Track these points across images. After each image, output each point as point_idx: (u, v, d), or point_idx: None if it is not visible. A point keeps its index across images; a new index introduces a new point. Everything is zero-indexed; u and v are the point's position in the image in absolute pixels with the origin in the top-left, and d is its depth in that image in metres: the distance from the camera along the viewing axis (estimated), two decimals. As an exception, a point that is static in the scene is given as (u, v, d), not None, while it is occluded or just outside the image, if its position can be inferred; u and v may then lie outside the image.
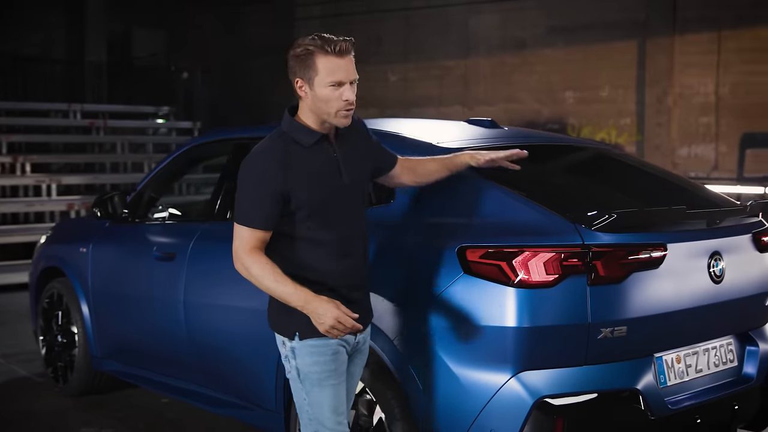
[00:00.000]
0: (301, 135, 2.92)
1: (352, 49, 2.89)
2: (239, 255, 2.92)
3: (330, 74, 2.83)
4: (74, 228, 6.08)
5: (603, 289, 3.14)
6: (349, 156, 3.02)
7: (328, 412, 2.95)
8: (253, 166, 2.89)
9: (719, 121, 11.99)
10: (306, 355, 2.94)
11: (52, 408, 5.43)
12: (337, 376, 2.97)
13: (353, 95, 2.87)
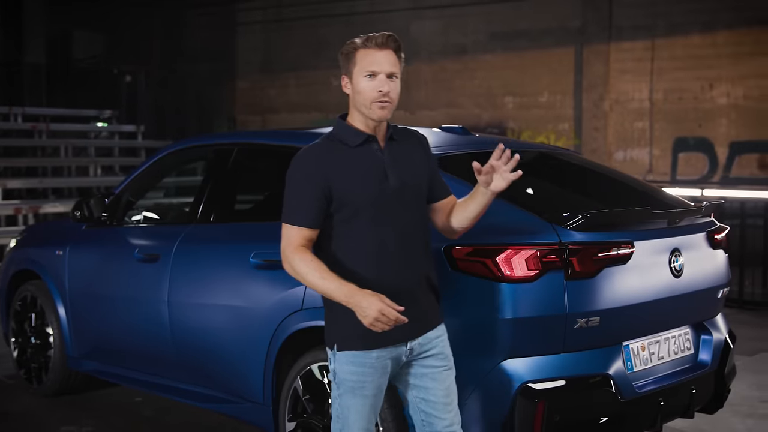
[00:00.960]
0: (347, 136, 2.99)
1: (392, 44, 2.95)
2: (286, 254, 2.97)
3: (366, 65, 2.91)
4: (48, 231, 6.17)
5: (578, 283, 3.44)
6: (399, 160, 3.03)
7: (355, 418, 3.00)
8: (298, 165, 2.98)
9: (653, 126, 12.41)
10: (344, 363, 2.98)
11: (28, 408, 5.53)
12: (371, 387, 2.99)
13: (388, 87, 2.92)
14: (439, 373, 3.06)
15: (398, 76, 2.97)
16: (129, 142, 15.76)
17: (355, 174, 2.93)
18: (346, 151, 2.97)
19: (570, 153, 4.94)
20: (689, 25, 11.82)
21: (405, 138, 3.11)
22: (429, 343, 3.05)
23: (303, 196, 2.94)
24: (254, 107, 16.83)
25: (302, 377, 3.93)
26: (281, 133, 4.80)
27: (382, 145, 3.02)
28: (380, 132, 3.02)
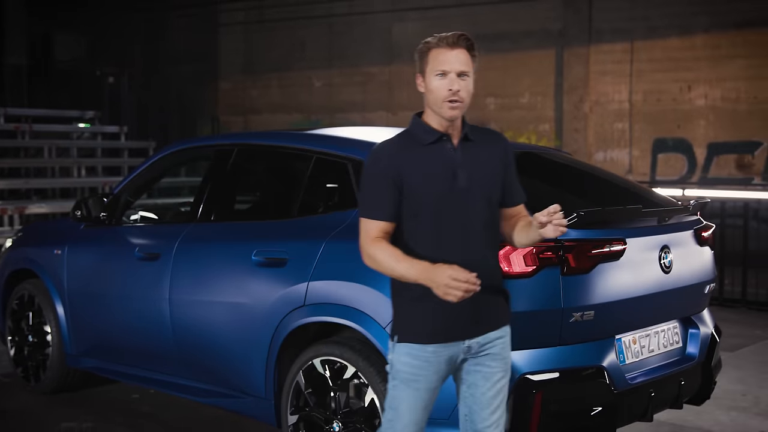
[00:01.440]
0: (421, 133, 3.00)
1: (463, 43, 2.94)
2: (364, 247, 3.00)
3: (438, 64, 2.93)
4: (46, 231, 6.24)
5: (574, 278, 3.58)
6: (471, 161, 3.00)
7: (404, 410, 3.03)
8: (372, 161, 3.01)
9: (633, 127, 12.59)
10: (402, 354, 3.02)
11: (26, 406, 5.60)
12: (424, 382, 3.01)
13: (458, 86, 2.91)
14: (492, 373, 3.07)
15: (470, 75, 2.96)
16: (112, 143, 15.77)
17: (424, 171, 2.93)
18: (419, 149, 2.98)
19: (561, 153, 5.09)
20: (667, 28, 12.01)
21: (483, 139, 3.09)
22: (489, 343, 3.06)
23: (378, 190, 2.97)
24: (236, 108, 16.90)
25: (304, 371, 4.05)
26: (281, 134, 4.91)
27: (456, 144, 3.02)
28: (454, 131, 3.02)
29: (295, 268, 4.10)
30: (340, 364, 3.92)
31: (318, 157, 4.36)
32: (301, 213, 4.35)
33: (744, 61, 11.37)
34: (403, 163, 2.96)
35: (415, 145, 2.99)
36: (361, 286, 3.82)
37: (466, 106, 2.97)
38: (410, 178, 2.94)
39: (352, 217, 4.05)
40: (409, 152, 2.98)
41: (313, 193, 4.41)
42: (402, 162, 2.96)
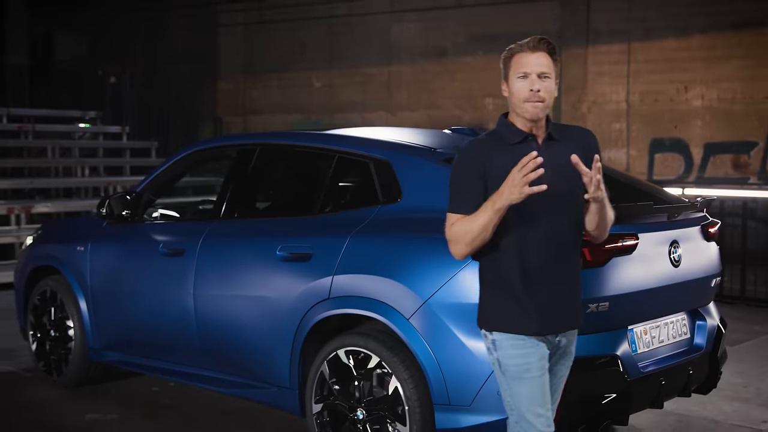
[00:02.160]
0: (507, 133, 3.10)
1: (544, 47, 3.04)
2: (447, 237, 3.08)
3: (519, 67, 3.03)
4: (67, 229, 6.40)
5: (590, 271, 3.75)
6: (557, 160, 3.03)
7: (527, 403, 3.05)
8: (460, 159, 3.12)
9: (630, 127, 12.71)
10: (506, 348, 3.07)
11: (49, 398, 5.75)
12: (537, 369, 3.06)
13: (539, 86, 2.99)
14: (561, 370, 3.23)
15: (551, 77, 3.05)
16: (114, 143, 15.92)
17: (509, 170, 2.92)
18: (505, 148, 3.07)
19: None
20: (664, 29, 12.12)
21: (567, 137, 3.16)
22: (569, 344, 3.21)
23: (464, 187, 3.07)
24: (236, 108, 17.02)
25: (329, 362, 4.22)
26: (303, 134, 5.08)
27: (540, 144, 3.09)
28: (539, 131, 3.10)
29: (319, 262, 4.27)
30: (364, 354, 4.10)
31: (340, 157, 4.54)
32: (324, 210, 4.52)
33: (740, 62, 11.53)
34: (489, 162, 3.05)
35: (502, 145, 3.09)
36: (385, 279, 4.00)
37: (548, 106, 3.06)
38: (494, 176, 3.00)
39: (374, 213, 4.23)
40: (496, 151, 3.07)
41: (336, 191, 4.59)
42: (488, 161, 3.05)
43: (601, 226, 3.16)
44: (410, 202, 4.16)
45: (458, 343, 3.79)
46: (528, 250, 3.05)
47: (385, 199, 4.26)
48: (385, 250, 4.07)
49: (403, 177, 4.23)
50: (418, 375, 3.92)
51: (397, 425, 4.00)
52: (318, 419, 4.28)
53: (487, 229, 2.98)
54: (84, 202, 13.32)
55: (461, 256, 3.11)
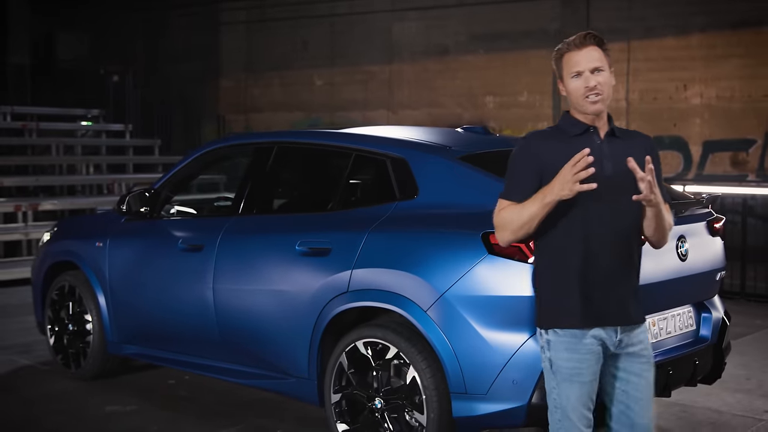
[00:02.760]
0: (569, 126, 3.12)
1: (591, 41, 3.05)
2: (495, 222, 3.11)
3: (571, 66, 3.05)
4: (84, 225, 6.53)
5: (601, 265, 3.89)
6: (617, 155, 3.06)
7: (574, 404, 3.09)
8: (518, 148, 3.15)
9: (629, 125, 12.78)
10: (559, 349, 3.09)
11: (68, 390, 5.89)
12: (589, 375, 3.08)
13: (594, 81, 3.01)
14: (643, 370, 3.17)
15: (605, 69, 3.06)
16: (117, 141, 16.05)
17: (568, 157, 2.93)
18: (566, 139, 3.09)
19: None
20: (664, 28, 12.24)
21: (629, 137, 3.20)
22: (636, 338, 3.15)
23: (518, 175, 3.11)
24: (238, 106, 17.14)
25: (347, 353, 4.37)
26: (320, 133, 5.22)
27: (602, 136, 3.12)
28: (601, 125, 3.12)
29: (338, 257, 4.41)
30: (382, 346, 4.24)
31: (357, 155, 4.68)
32: (342, 206, 4.66)
33: (739, 61, 11.66)
34: (546, 151, 3.08)
35: (563, 136, 3.12)
36: (403, 272, 4.14)
37: (607, 99, 3.07)
38: (552, 168, 2.99)
39: (392, 209, 4.38)
40: (555, 142, 3.10)
41: (354, 188, 4.73)
42: (547, 151, 3.08)
43: (658, 232, 3.13)
44: (427, 198, 4.30)
45: (474, 333, 3.93)
46: (588, 247, 3.06)
47: (402, 195, 4.40)
48: (403, 245, 4.21)
49: (420, 174, 4.37)
50: (435, 365, 4.06)
51: (415, 413, 4.14)
52: (336, 408, 4.43)
53: (533, 221, 3.00)
54: (89, 199, 13.47)
55: (506, 243, 3.14)
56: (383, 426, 4.26)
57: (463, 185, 4.24)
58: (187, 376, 6.13)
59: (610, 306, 3.08)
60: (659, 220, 3.08)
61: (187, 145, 16.96)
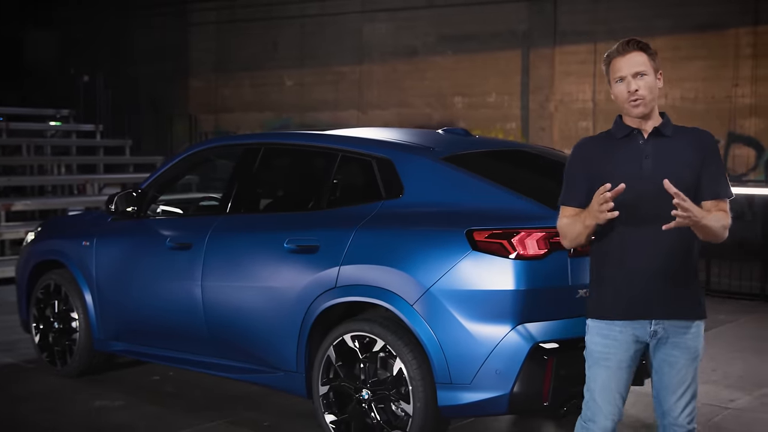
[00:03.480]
0: (616, 129, 3.30)
1: (633, 47, 3.20)
2: (557, 226, 3.33)
3: (615, 72, 3.22)
4: (70, 225, 6.63)
5: (579, 260, 4.11)
6: (662, 153, 3.22)
7: (600, 388, 3.27)
8: (571, 153, 3.39)
9: (596, 125, 12.99)
10: (593, 334, 3.31)
11: (57, 387, 5.99)
12: (616, 361, 3.25)
13: (635, 85, 3.17)
14: (675, 362, 3.27)
15: (648, 73, 3.20)
16: (88, 141, 16.04)
17: (613, 160, 3.22)
18: (612, 142, 3.29)
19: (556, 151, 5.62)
20: (629, 30, 12.37)
21: (680, 136, 3.29)
22: (676, 332, 3.26)
23: (571, 181, 3.35)
24: (208, 106, 17.20)
25: (335, 346, 4.53)
26: (306, 135, 5.37)
27: (646, 137, 3.26)
28: (646, 127, 3.27)
29: (326, 254, 4.58)
30: (369, 339, 4.41)
31: (343, 155, 4.85)
32: (329, 205, 4.83)
33: (702, 63, 11.95)
34: (593, 154, 3.31)
35: (610, 140, 3.32)
36: (389, 268, 4.32)
37: (650, 102, 3.21)
38: (598, 166, 3.24)
39: (378, 208, 4.56)
40: (602, 145, 3.32)
41: (340, 188, 4.90)
42: (594, 156, 3.30)
43: (707, 236, 3.20)
44: (412, 197, 4.49)
45: (459, 326, 4.12)
46: (635, 235, 3.21)
47: (387, 194, 4.58)
48: (390, 242, 4.39)
49: (405, 174, 4.55)
50: (421, 357, 4.24)
51: (401, 403, 4.32)
52: (324, 400, 4.59)
53: (581, 236, 3.23)
54: (61, 199, 13.48)
55: (567, 248, 3.46)
56: (370, 416, 4.44)
57: (446, 185, 4.43)
58: (171, 372, 6.26)
59: (644, 302, 3.22)
60: (704, 229, 3.12)
61: (159, 146, 17.01)
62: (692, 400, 3.34)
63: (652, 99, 3.22)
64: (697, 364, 3.33)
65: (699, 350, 3.31)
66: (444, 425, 4.43)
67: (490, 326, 4.07)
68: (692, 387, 3.33)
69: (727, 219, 3.23)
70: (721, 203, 3.25)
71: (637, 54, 3.21)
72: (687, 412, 3.32)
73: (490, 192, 4.33)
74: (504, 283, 4.04)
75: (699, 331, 3.31)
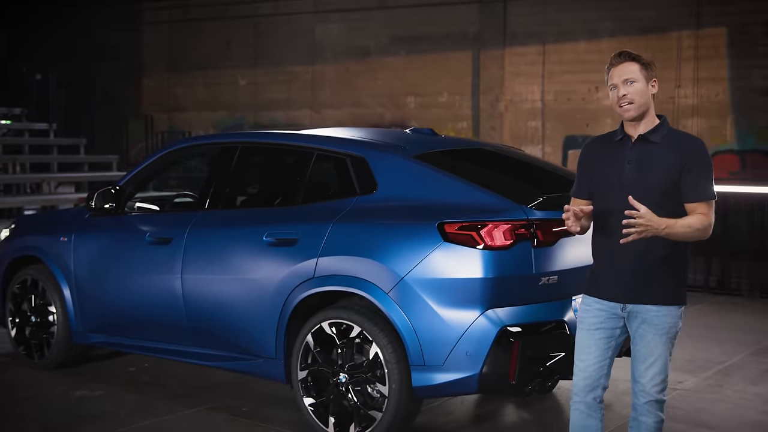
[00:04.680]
0: (616, 132, 3.73)
1: (624, 58, 3.60)
2: None
3: (609, 81, 3.64)
4: (46, 221, 6.82)
5: (542, 250, 4.47)
6: (645, 156, 3.59)
7: (577, 349, 3.77)
8: (581, 151, 3.86)
9: (545, 125, 13.36)
10: (580, 304, 3.84)
11: (35, 379, 6.18)
12: (587, 324, 3.73)
13: (624, 90, 3.55)
14: (644, 335, 3.65)
15: (638, 80, 3.56)
16: (42, 140, 16.00)
17: (603, 162, 3.70)
18: (610, 145, 3.73)
19: (515, 149, 5.98)
20: (576, 33, 12.83)
21: (668, 142, 3.61)
22: (646, 311, 3.63)
23: (578, 175, 3.86)
24: (161, 105, 17.25)
25: (313, 333, 4.82)
26: (282, 134, 5.62)
27: (633, 142, 3.64)
28: (635, 133, 3.65)
29: (305, 246, 4.86)
30: (346, 326, 4.71)
31: (319, 153, 5.14)
32: (306, 201, 5.11)
33: None
34: (595, 156, 3.78)
35: (609, 142, 3.76)
36: (365, 259, 4.62)
37: (639, 106, 3.57)
38: (593, 165, 3.76)
39: (353, 203, 4.86)
40: (601, 147, 3.78)
41: (316, 184, 5.18)
42: (594, 155, 3.78)
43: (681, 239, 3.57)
44: (385, 193, 4.79)
45: (432, 312, 4.44)
46: (606, 232, 3.67)
47: (362, 190, 4.87)
48: (366, 235, 4.69)
49: (378, 171, 4.86)
50: (396, 341, 4.55)
51: (377, 385, 4.62)
52: (303, 384, 4.87)
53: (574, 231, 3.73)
54: (17, 198, 13.54)
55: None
56: (347, 398, 4.73)
57: (417, 181, 4.75)
58: (146, 363, 6.49)
59: (614, 284, 3.67)
60: (669, 236, 3.50)
61: (114, 144, 17.05)
62: (661, 372, 3.65)
63: (643, 104, 3.57)
64: (666, 339, 3.65)
65: (667, 327, 3.64)
66: (417, 405, 4.74)
67: (460, 312, 4.39)
68: (660, 360, 3.64)
69: (706, 220, 3.55)
70: (700, 206, 3.57)
71: (629, 64, 3.59)
72: (655, 382, 3.65)
73: (458, 187, 4.66)
74: (473, 271, 4.36)
75: (669, 312, 3.65)
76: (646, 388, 3.66)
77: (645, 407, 3.67)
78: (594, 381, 3.74)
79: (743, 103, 11.62)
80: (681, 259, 3.69)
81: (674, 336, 3.70)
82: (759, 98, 11.49)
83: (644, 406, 3.67)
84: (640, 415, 3.70)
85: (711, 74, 11.80)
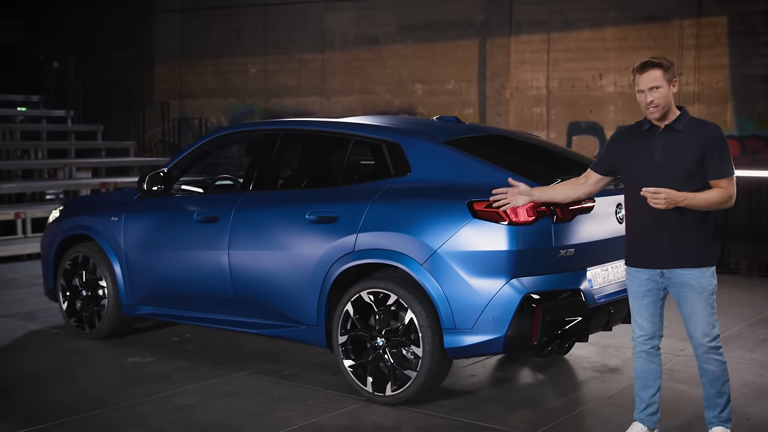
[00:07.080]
0: (643, 123, 4.36)
1: (649, 67, 4.20)
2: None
3: (637, 85, 4.25)
4: (96, 202, 7.33)
5: (560, 226, 4.98)
6: (671, 144, 4.24)
7: (633, 313, 4.49)
8: (612, 135, 4.51)
9: (550, 112, 13.74)
10: (627, 276, 4.50)
11: (89, 348, 6.69)
12: (635, 292, 4.43)
13: (651, 97, 4.17)
14: (685, 297, 4.31)
15: (662, 85, 4.20)
16: (59, 126, 16.45)
17: (633, 149, 4.35)
18: (638, 133, 4.37)
19: (532, 135, 6.49)
20: (581, 21, 13.20)
21: (689, 129, 4.27)
22: (681, 277, 4.29)
23: (602, 154, 4.55)
24: (172, 93, 17.60)
25: (353, 302, 5.34)
26: (321, 122, 6.12)
27: (660, 132, 4.27)
28: (662, 123, 4.28)
29: (345, 223, 5.37)
30: (383, 294, 5.23)
31: (356, 139, 5.64)
32: (345, 182, 5.62)
33: (648, 52, 12.37)
34: (623, 143, 4.42)
35: (637, 131, 4.39)
36: (401, 234, 5.13)
37: (663, 107, 4.22)
38: (622, 152, 4.40)
39: (389, 184, 5.36)
40: (631, 135, 4.40)
41: (354, 167, 5.69)
42: (623, 142, 4.42)
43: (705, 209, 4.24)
44: (418, 175, 5.30)
45: (462, 281, 4.95)
46: (638, 208, 4.29)
47: (396, 173, 5.38)
48: (402, 212, 5.20)
49: (412, 155, 5.37)
50: (429, 308, 5.07)
51: (412, 347, 5.15)
52: (343, 348, 5.39)
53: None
54: (44, 183, 14.03)
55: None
56: (384, 359, 5.25)
57: (447, 164, 5.26)
58: (188, 334, 7.01)
59: (650, 254, 4.34)
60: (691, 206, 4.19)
61: (130, 131, 17.51)
62: (708, 324, 4.30)
63: (666, 104, 4.22)
64: (705, 296, 4.28)
65: (703, 286, 4.28)
66: (447, 365, 5.26)
67: (487, 281, 4.90)
68: (704, 315, 4.29)
69: (725, 193, 4.21)
70: (722, 182, 4.23)
71: (654, 71, 4.22)
72: (705, 333, 4.30)
73: (484, 169, 5.17)
74: (499, 244, 4.88)
75: (701, 273, 4.29)
76: (700, 341, 4.32)
77: (704, 357, 4.34)
78: (651, 334, 4.49)
79: (743, 91, 11.98)
80: (707, 226, 4.32)
81: (712, 292, 4.31)
82: (758, 85, 11.88)
83: (703, 356, 4.34)
84: (703, 363, 4.36)
85: (712, 62, 12.17)
